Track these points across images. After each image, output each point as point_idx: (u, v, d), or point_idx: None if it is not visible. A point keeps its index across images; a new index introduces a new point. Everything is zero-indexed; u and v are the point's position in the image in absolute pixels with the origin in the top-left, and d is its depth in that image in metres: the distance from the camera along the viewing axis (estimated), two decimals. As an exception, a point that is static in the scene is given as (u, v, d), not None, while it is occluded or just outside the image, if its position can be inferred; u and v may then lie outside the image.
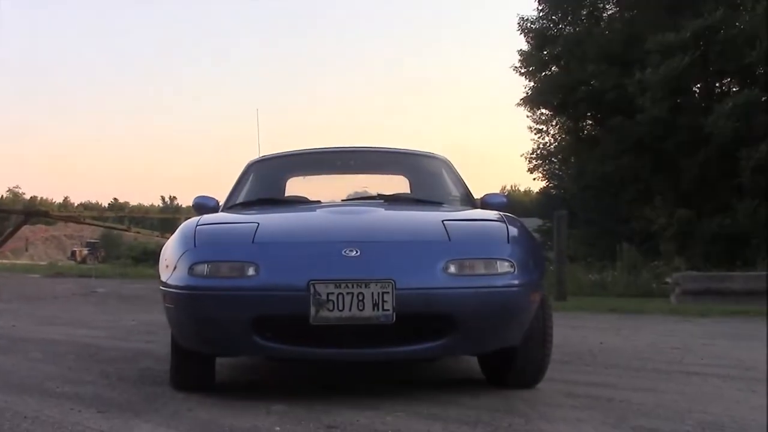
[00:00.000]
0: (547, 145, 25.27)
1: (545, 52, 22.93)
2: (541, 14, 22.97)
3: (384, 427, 3.25)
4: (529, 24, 23.01)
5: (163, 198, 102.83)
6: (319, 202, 4.96)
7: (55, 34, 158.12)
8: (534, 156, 25.38)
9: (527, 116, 24.81)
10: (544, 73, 23.15)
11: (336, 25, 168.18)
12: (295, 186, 5.62)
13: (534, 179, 27.12)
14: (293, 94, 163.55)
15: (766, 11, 17.07)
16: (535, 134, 25.24)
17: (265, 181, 5.49)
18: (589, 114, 22.91)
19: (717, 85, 21.30)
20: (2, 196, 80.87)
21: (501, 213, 4.35)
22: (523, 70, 23.40)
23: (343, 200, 5.11)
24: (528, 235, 4.16)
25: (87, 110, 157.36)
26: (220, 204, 5.18)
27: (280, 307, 3.59)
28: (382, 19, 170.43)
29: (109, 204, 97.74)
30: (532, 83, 23.44)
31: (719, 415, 3.57)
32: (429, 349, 3.70)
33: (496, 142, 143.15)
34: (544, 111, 24.27)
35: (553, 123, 24.91)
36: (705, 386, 4.37)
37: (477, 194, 5.21)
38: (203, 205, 5.12)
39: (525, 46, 23.45)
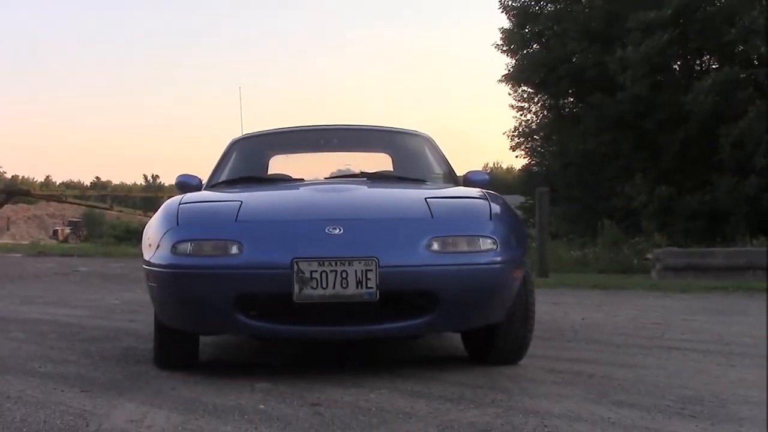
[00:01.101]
0: (529, 122, 25.30)
1: (527, 30, 22.89)
2: (523, -9, 22.91)
3: (368, 404, 3.27)
4: (510, 2, 22.96)
5: (145, 176, 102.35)
6: (302, 180, 4.95)
7: (33, 12, 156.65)
8: (516, 134, 25.38)
9: (509, 94, 24.82)
10: (525, 51, 23.12)
11: (318, 3, 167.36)
12: (278, 164, 5.61)
13: (516, 157, 27.21)
14: (276, 72, 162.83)
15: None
16: (517, 112, 25.27)
17: (248, 160, 5.48)
18: (570, 91, 22.92)
19: (697, 62, 21.35)
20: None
21: (483, 190, 4.36)
22: (504, 48, 23.38)
23: (326, 178, 5.12)
24: (510, 213, 4.18)
25: (69, 88, 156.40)
26: (203, 182, 5.16)
27: (264, 285, 3.60)
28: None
29: (91, 183, 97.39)
30: (513, 61, 23.44)
31: (699, 390, 3.61)
32: (412, 327, 3.72)
33: (478, 119, 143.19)
34: (525, 88, 24.28)
35: (535, 100, 24.92)
36: (685, 361, 4.41)
37: (459, 172, 5.22)
38: (186, 184, 5.11)
39: (507, 24, 23.44)
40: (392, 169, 5.34)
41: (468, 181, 5.06)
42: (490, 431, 2.86)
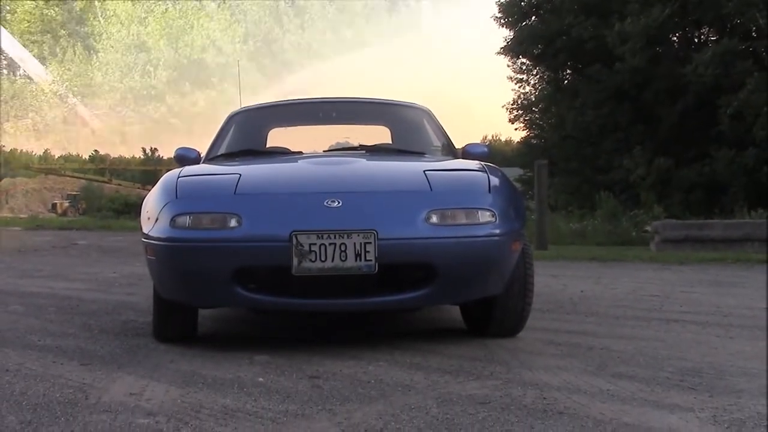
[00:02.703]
0: (528, 95, 25.27)
1: (524, 2, 22.80)
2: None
3: (366, 376, 3.28)
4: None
5: (144, 150, 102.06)
6: (300, 153, 4.94)
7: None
8: (515, 106, 25.37)
9: (507, 66, 24.79)
10: (524, 23, 23.04)
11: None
12: (277, 137, 5.60)
13: (515, 129, 27.16)
14: (273, 44, 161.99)
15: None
16: (516, 84, 25.23)
17: (247, 133, 5.45)
18: (568, 64, 22.86)
19: (695, 34, 21.28)
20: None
21: (482, 163, 4.35)
22: (503, 21, 23.29)
23: (324, 151, 5.10)
24: (509, 185, 4.17)
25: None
26: (202, 155, 5.15)
27: (263, 258, 3.59)
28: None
29: (89, 156, 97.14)
30: (512, 33, 23.36)
31: (698, 361, 3.61)
32: (411, 299, 3.71)
33: (477, 92, 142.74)
34: (524, 60, 24.22)
35: (533, 73, 24.88)
36: (684, 333, 4.42)
37: (458, 144, 5.20)
38: (185, 157, 5.09)
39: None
40: (391, 142, 5.33)
41: (467, 153, 5.04)
42: (489, 403, 2.87)
